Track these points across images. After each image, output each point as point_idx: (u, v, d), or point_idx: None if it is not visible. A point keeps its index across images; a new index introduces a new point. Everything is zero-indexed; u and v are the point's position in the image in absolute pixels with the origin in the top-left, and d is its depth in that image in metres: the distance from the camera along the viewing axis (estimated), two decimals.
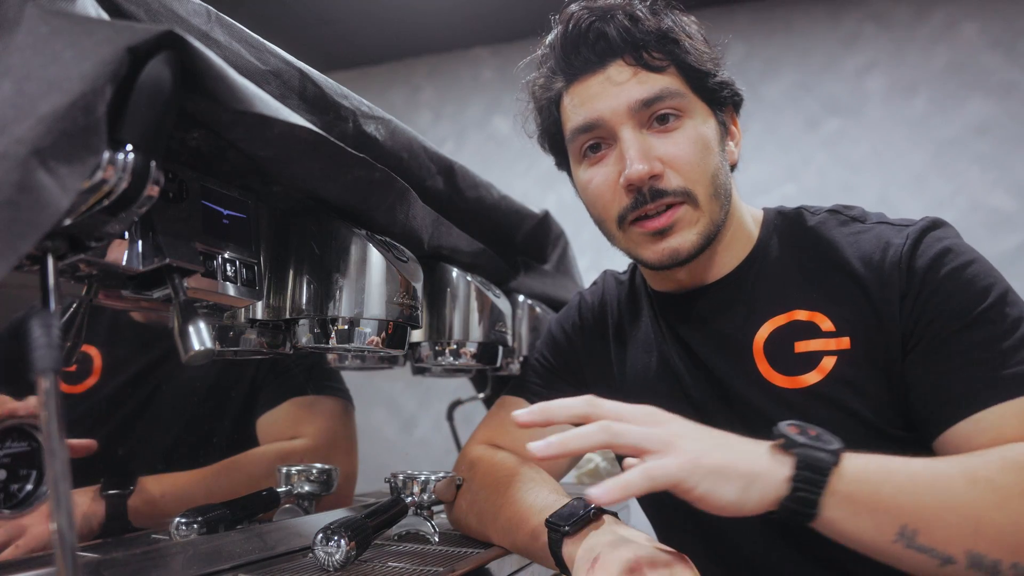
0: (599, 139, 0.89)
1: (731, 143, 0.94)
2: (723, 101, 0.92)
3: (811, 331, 0.86)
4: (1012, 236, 2.90)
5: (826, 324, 0.85)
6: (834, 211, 0.93)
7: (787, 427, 0.67)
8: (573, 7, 0.90)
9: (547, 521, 0.77)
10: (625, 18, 0.86)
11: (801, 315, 0.87)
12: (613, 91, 0.86)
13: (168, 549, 0.80)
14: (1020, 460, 0.67)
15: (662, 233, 0.86)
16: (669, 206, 0.86)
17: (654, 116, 0.86)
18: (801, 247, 0.91)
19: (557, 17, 0.91)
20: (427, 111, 3.89)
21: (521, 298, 1.28)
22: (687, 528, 0.97)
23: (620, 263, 1.10)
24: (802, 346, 0.86)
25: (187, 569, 0.78)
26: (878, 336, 0.82)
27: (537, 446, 0.63)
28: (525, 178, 3.60)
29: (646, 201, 0.85)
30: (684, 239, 0.86)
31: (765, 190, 3.17)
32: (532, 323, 1.28)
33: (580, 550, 0.71)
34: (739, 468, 0.63)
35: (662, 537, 1.04)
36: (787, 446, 0.65)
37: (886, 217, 0.91)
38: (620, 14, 0.86)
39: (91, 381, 1.08)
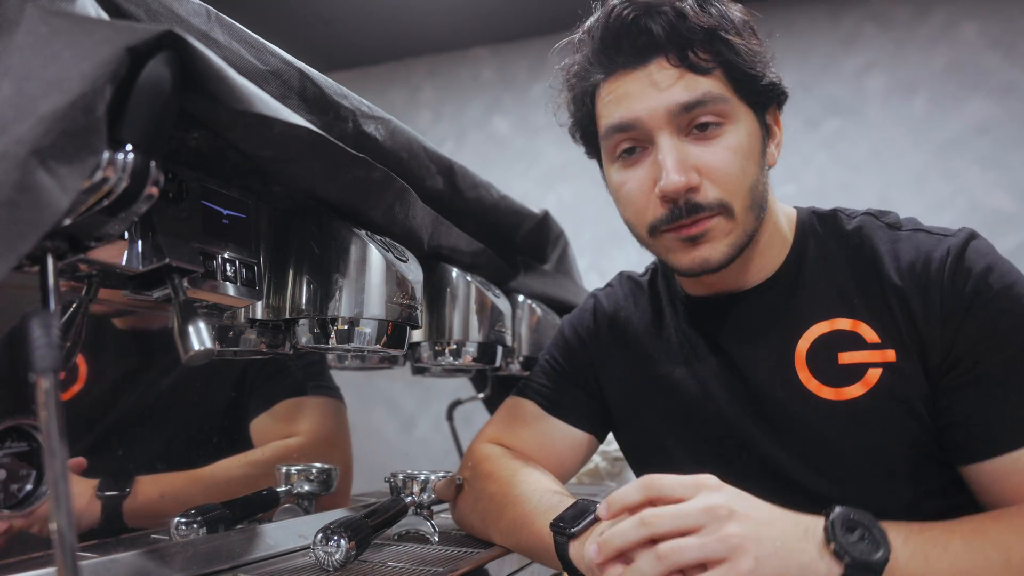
0: (634, 140, 0.85)
1: (772, 145, 0.90)
2: (769, 102, 0.88)
3: (855, 342, 0.84)
4: (1012, 236, 2.90)
5: (870, 335, 0.84)
6: (870, 215, 0.91)
7: (839, 522, 0.66)
8: None
9: (552, 524, 0.77)
10: (672, 14, 0.81)
11: (844, 324, 0.85)
12: (653, 92, 0.81)
13: (168, 549, 0.80)
14: None
15: (694, 240, 0.83)
16: (703, 219, 0.83)
17: (694, 122, 0.82)
18: (840, 252, 0.89)
19: (598, 3, 0.87)
20: (427, 111, 3.89)
21: (521, 298, 1.28)
22: None
23: (619, 264, 1.09)
24: (847, 357, 0.84)
25: (187, 569, 0.78)
26: (920, 352, 0.81)
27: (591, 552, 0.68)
28: (525, 178, 3.60)
29: (682, 215, 0.82)
30: (715, 249, 0.84)
31: None
32: (532, 323, 1.28)
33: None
34: None
35: None
36: (839, 553, 0.64)
37: (920, 224, 0.88)
38: (668, 9, 0.81)
39: (76, 388, 1.08)
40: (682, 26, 0.81)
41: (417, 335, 1.04)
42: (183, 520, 0.88)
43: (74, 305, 0.64)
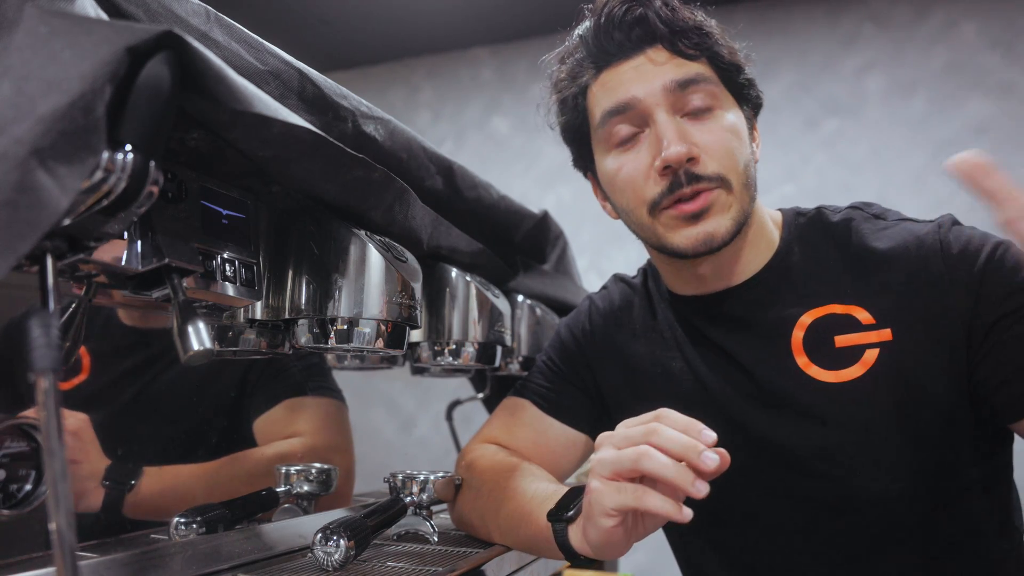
0: (631, 123, 0.88)
1: (754, 143, 0.95)
2: (748, 99, 0.93)
3: (850, 324, 0.86)
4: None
5: (864, 316, 0.85)
6: (855, 207, 0.94)
7: None
8: None
9: (549, 514, 0.78)
10: (663, 6, 0.87)
11: (837, 309, 0.87)
12: (648, 74, 0.86)
13: (167, 549, 0.80)
14: None
15: (696, 217, 0.84)
16: (703, 191, 0.85)
17: (688, 103, 0.86)
18: (828, 244, 0.91)
19: (589, 8, 0.91)
20: (426, 111, 3.89)
21: (520, 298, 1.28)
22: (704, 535, 0.97)
23: (619, 264, 1.10)
24: (843, 340, 0.86)
25: (187, 569, 0.78)
26: (926, 326, 0.82)
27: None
28: (524, 178, 3.60)
29: (682, 184, 0.84)
30: (719, 224, 0.85)
31: (765, 190, 3.13)
32: (531, 323, 1.28)
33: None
34: None
35: (676, 544, 1.04)
36: None
37: (904, 215, 0.91)
38: (658, 1, 0.87)
39: (80, 378, 1.08)
40: (673, 17, 0.87)
41: (416, 335, 1.04)
42: (183, 520, 0.88)
43: (74, 305, 0.65)
